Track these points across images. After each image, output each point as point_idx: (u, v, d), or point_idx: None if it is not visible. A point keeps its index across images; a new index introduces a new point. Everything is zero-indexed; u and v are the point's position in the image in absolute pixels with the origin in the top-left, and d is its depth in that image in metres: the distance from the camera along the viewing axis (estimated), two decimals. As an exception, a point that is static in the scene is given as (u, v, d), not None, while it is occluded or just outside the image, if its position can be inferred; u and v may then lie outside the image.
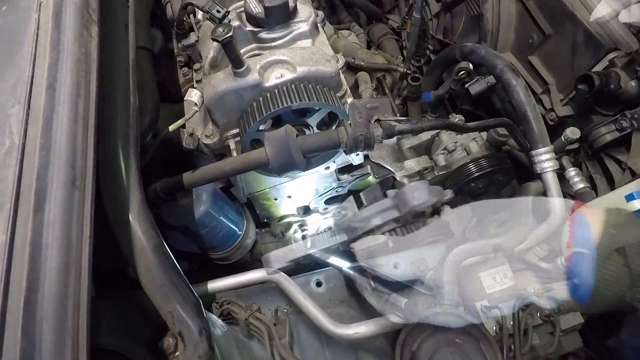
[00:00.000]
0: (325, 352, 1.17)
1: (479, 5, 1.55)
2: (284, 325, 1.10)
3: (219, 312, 1.17)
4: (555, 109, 1.36)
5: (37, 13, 0.74)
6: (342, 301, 1.33)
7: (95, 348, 0.59)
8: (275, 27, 1.23)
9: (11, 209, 0.57)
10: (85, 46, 0.74)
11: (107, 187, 0.81)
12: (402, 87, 1.89)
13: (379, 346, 1.15)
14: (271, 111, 1.03)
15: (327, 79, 1.13)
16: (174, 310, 0.76)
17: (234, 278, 1.20)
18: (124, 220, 0.79)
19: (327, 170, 1.34)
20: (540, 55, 1.42)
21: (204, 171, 1.03)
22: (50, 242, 0.57)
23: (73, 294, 0.56)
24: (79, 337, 0.56)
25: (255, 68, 1.07)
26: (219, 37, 0.93)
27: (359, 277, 1.11)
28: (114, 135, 0.86)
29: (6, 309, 0.52)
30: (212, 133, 1.20)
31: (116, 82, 0.92)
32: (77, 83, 0.69)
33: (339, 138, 1.00)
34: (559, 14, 1.30)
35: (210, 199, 1.22)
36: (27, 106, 0.64)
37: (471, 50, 1.37)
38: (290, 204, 1.53)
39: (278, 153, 0.96)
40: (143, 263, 0.77)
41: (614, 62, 1.15)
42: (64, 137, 0.64)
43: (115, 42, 0.97)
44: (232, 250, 1.42)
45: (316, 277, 1.39)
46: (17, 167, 0.59)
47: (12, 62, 0.69)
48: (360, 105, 1.00)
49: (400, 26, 2.15)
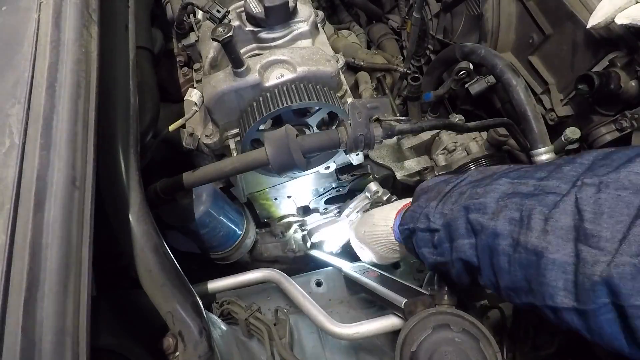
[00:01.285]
0: (325, 352, 1.18)
1: (479, 5, 1.55)
2: (284, 325, 1.10)
3: (219, 312, 1.17)
4: (555, 109, 1.36)
5: (37, 13, 0.74)
6: (342, 301, 1.34)
7: (95, 348, 0.59)
8: (275, 27, 1.23)
9: (11, 209, 0.57)
10: (85, 46, 0.74)
11: (107, 187, 0.81)
12: (402, 87, 1.89)
13: (379, 346, 1.16)
14: (271, 111, 1.03)
15: (327, 79, 1.13)
16: (174, 310, 0.76)
17: (234, 278, 1.20)
18: (124, 220, 0.79)
19: (327, 170, 1.34)
20: (540, 55, 1.42)
21: (204, 171, 1.03)
22: (50, 242, 0.57)
23: (73, 294, 0.56)
24: (79, 337, 0.56)
25: (255, 68, 1.07)
26: (219, 37, 0.93)
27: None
28: (114, 135, 0.86)
29: (6, 309, 0.52)
30: (212, 133, 1.21)
31: (116, 82, 0.92)
32: (77, 83, 0.69)
33: (339, 138, 1.00)
34: (559, 14, 1.30)
35: (210, 199, 1.22)
36: (27, 106, 0.64)
37: (471, 50, 1.36)
38: (290, 204, 1.53)
39: (278, 153, 0.96)
40: (143, 263, 0.77)
41: (614, 62, 1.15)
42: (64, 137, 0.64)
43: (115, 42, 0.97)
44: (232, 250, 1.42)
45: (316, 277, 1.40)
46: (17, 167, 0.59)
47: (12, 62, 0.69)
48: (360, 105, 1.00)
49: (400, 26, 2.15)
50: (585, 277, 0.50)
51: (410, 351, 0.80)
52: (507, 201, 0.62)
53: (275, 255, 1.63)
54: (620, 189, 0.50)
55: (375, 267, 1.27)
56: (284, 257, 1.63)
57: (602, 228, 0.50)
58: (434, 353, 0.79)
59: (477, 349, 0.78)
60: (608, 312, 0.50)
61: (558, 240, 0.54)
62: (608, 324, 0.50)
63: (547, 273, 0.55)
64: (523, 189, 0.62)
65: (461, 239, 0.70)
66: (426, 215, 0.79)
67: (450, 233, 0.72)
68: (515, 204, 0.61)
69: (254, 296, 1.30)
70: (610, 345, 0.52)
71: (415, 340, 0.81)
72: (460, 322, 0.82)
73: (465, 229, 0.69)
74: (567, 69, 1.32)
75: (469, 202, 0.69)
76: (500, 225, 0.61)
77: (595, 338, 0.53)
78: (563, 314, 0.55)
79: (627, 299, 0.47)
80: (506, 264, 0.61)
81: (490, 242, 0.63)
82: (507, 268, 0.61)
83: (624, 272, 0.47)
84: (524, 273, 0.58)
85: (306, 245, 1.64)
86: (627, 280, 0.47)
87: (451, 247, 0.73)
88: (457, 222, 0.70)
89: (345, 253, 1.65)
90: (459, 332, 0.81)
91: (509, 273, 0.61)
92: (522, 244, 0.58)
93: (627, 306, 0.47)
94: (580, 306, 0.52)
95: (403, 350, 0.81)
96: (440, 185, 0.82)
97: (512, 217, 0.60)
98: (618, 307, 0.49)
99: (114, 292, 0.91)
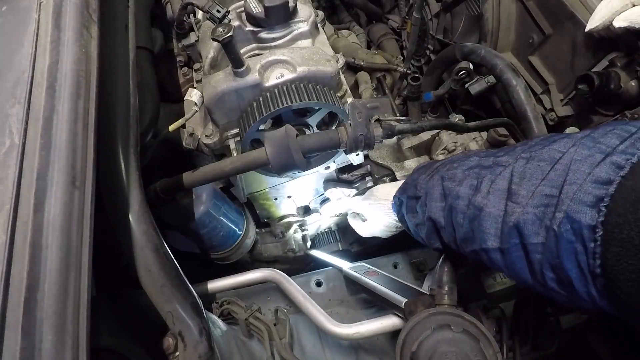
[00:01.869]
0: (325, 352, 1.18)
1: (479, 5, 1.55)
2: (284, 325, 1.10)
3: (219, 312, 1.17)
4: (555, 109, 1.36)
5: (37, 13, 0.74)
6: (342, 301, 1.34)
7: (95, 348, 0.59)
8: (275, 27, 1.23)
9: (11, 209, 0.57)
10: (85, 46, 0.74)
11: (107, 187, 0.81)
12: (402, 87, 1.88)
13: (379, 346, 1.16)
14: (271, 111, 1.03)
15: (327, 79, 1.13)
16: (174, 310, 0.76)
17: (234, 278, 1.20)
18: (124, 220, 0.79)
19: (327, 170, 1.34)
20: (540, 55, 1.42)
21: (204, 171, 1.03)
22: (50, 242, 0.57)
23: (73, 294, 0.56)
24: (79, 337, 0.56)
25: (255, 68, 1.07)
26: (219, 37, 0.93)
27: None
28: (114, 135, 0.86)
29: (6, 309, 0.52)
30: (212, 133, 1.20)
31: (116, 82, 0.92)
32: (77, 83, 0.69)
33: (339, 138, 1.00)
34: (559, 14, 1.30)
35: (210, 199, 1.22)
36: (27, 106, 0.64)
37: (471, 50, 1.37)
38: (290, 204, 1.53)
39: (278, 153, 0.96)
40: (143, 263, 0.77)
41: (614, 62, 1.15)
42: (64, 137, 0.64)
43: (115, 42, 0.97)
44: (232, 250, 1.42)
45: (316, 277, 1.40)
46: (17, 167, 0.59)
47: (12, 62, 0.69)
48: (360, 105, 1.00)
49: (400, 26, 2.15)
50: (505, 224, 0.66)
51: (410, 351, 0.80)
52: (471, 172, 0.78)
53: (275, 255, 1.63)
54: (541, 161, 0.64)
55: (375, 266, 1.27)
56: (284, 257, 1.63)
57: (521, 188, 0.65)
58: (434, 353, 0.79)
59: (477, 349, 0.79)
60: (518, 251, 0.65)
61: (495, 199, 0.69)
62: (518, 260, 0.66)
63: (484, 223, 0.70)
64: (484, 163, 0.77)
65: (434, 202, 0.84)
66: (415, 185, 0.92)
67: (428, 197, 0.86)
68: (475, 174, 0.76)
69: (254, 296, 1.30)
70: (519, 278, 0.68)
71: (416, 340, 0.81)
72: (460, 322, 0.82)
73: (439, 194, 0.83)
74: (567, 69, 1.32)
75: (445, 173, 0.84)
76: (462, 189, 0.77)
77: (511, 272, 0.69)
78: (491, 254, 0.70)
79: (527, 238, 0.62)
80: (461, 219, 0.76)
81: (452, 203, 0.78)
82: (461, 222, 0.76)
83: (527, 219, 0.62)
84: (471, 225, 0.73)
85: (306, 245, 1.64)
86: (529, 225, 0.62)
87: (426, 209, 0.86)
88: (434, 189, 0.85)
89: (346, 253, 1.65)
90: (459, 332, 0.81)
91: (462, 226, 0.76)
92: (472, 203, 0.73)
93: (527, 244, 0.63)
94: (502, 246, 0.67)
95: (403, 350, 0.81)
96: (434, 164, 0.96)
97: (471, 183, 0.76)
98: (523, 246, 0.64)
99: (114, 292, 0.91)
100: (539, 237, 0.61)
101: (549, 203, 0.60)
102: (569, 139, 0.64)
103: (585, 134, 0.62)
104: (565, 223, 0.57)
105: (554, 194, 0.60)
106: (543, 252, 0.61)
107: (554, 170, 0.61)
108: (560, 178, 0.60)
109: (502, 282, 1.03)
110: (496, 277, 1.04)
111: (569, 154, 0.61)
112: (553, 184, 0.60)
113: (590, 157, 0.58)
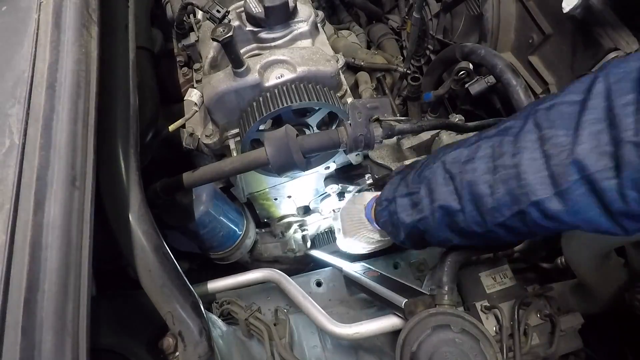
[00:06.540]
0: (325, 352, 1.18)
1: (479, 5, 1.55)
2: (284, 325, 1.10)
3: (219, 312, 1.17)
4: (555, 109, 1.36)
5: (37, 13, 0.74)
6: (342, 301, 1.34)
7: (95, 348, 0.59)
8: (275, 27, 1.23)
9: (11, 209, 0.57)
10: (85, 46, 0.74)
11: (107, 187, 0.81)
12: (402, 87, 1.89)
13: (379, 346, 1.16)
14: (271, 111, 1.03)
15: (327, 79, 1.13)
16: (174, 310, 0.76)
17: (234, 278, 1.20)
18: (124, 220, 0.79)
19: (327, 170, 1.34)
20: (540, 55, 1.42)
21: (204, 171, 1.03)
22: (50, 242, 0.57)
23: (73, 294, 0.56)
24: (79, 337, 0.56)
25: (255, 68, 1.07)
26: (219, 37, 0.93)
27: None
28: (114, 135, 0.86)
29: (6, 309, 0.52)
30: (212, 133, 1.20)
31: (116, 82, 0.92)
32: (77, 83, 0.69)
33: (339, 138, 1.00)
34: (559, 14, 1.30)
35: (210, 199, 1.22)
36: (27, 106, 0.64)
37: (471, 50, 1.36)
38: (290, 204, 1.53)
39: (278, 153, 0.96)
40: (143, 263, 0.77)
41: (614, 62, 1.15)
42: (64, 137, 0.64)
43: (115, 42, 0.97)
44: (232, 250, 1.42)
45: (316, 277, 1.40)
46: (17, 167, 0.59)
47: (12, 62, 0.69)
48: (360, 105, 1.00)
49: (400, 26, 2.15)
50: (557, 166, 0.63)
51: (410, 351, 0.80)
52: (477, 144, 0.78)
53: (275, 255, 1.63)
54: (563, 104, 0.65)
55: (375, 266, 1.27)
56: (284, 257, 1.63)
57: (557, 131, 0.64)
58: (434, 353, 0.79)
59: (477, 349, 0.79)
60: (580, 187, 0.61)
61: (528, 151, 0.67)
62: (583, 197, 0.62)
63: (527, 176, 0.67)
64: (488, 134, 0.78)
65: (440, 187, 0.81)
66: (406, 183, 0.91)
67: (430, 187, 0.84)
68: (485, 143, 0.76)
69: (254, 296, 1.30)
70: (585, 219, 0.63)
71: (416, 340, 0.81)
72: (460, 323, 0.82)
73: (444, 179, 0.81)
74: (567, 69, 1.32)
75: (444, 158, 0.83)
76: (477, 162, 0.75)
77: (573, 218, 0.65)
78: (546, 204, 0.66)
79: (590, 168, 0.59)
80: (487, 188, 0.73)
81: (470, 177, 0.75)
82: (488, 192, 0.73)
83: (584, 150, 0.60)
84: (506, 187, 0.70)
85: (306, 245, 1.63)
86: (587, 154, 0.60)
87: (431, 199, 0.83)
88: (436, 175, 0.83)
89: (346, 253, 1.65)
90: (459, 332, 0.81)
91: (492, 195, 0.72)
92: (500, 166, 0.71)
93: (592, 173, 0.59)
94: (558, 189, 0.63)
95: (403, 350, 0.82)
96: (413, 165, 0.95)
97: (485, 153, 0.75)
98: (587, 179, 0.60)
99: (114, 292, 0.91)
100: (603, 161, 0.58)
101: (600, 130, 0.59)
102: (579, 82, 0.65)
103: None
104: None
105: (603, 120, 0.58)
106: (617, 175, 0.57)
107: (591, 99, 0.61)
108: (603, 104, 0.59)
109: (502, 282, 1.03)
110: (496, 277, 1.04)
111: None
112: (597, 115, 0.59)
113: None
